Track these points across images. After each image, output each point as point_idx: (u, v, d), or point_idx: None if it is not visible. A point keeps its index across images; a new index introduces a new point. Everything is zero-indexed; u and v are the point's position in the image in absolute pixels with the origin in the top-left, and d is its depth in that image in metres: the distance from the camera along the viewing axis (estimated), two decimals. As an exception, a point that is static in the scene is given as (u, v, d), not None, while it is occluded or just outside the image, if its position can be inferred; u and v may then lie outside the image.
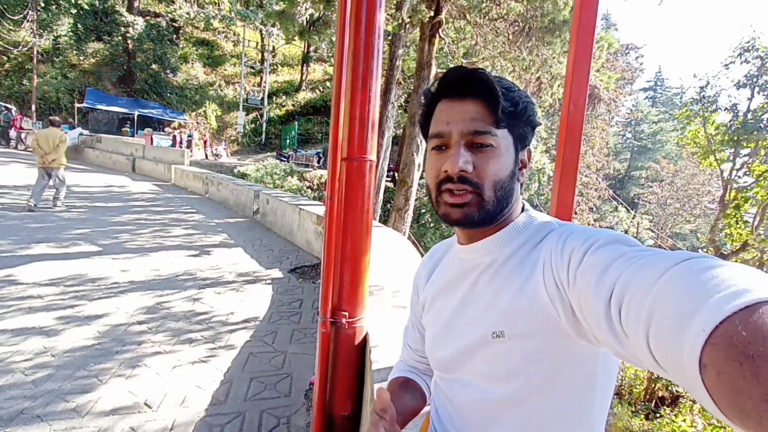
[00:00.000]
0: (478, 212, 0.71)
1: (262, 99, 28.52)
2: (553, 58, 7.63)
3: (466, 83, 0.70)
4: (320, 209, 6.36)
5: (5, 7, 22.98)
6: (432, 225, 13.81)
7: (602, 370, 0.68)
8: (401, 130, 16.66)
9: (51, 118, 8.06)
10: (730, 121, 10.06)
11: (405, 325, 1.05)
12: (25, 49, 23.53)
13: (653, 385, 6.75)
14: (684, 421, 5.78)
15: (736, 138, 9.49)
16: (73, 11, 24.70)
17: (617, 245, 0.56)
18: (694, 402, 6.23)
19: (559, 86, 8.18)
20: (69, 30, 25.17)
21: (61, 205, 7.97)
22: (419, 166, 8.12)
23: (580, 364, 0.67)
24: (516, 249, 0.73)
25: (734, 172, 9.80)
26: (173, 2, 27.23)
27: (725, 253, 9.41)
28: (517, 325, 0.67)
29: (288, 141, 25.96)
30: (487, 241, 0.76)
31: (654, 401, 6.70)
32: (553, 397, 0.68)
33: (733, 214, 9.29)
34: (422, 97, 0.79)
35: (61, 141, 7.81)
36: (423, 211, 14.02)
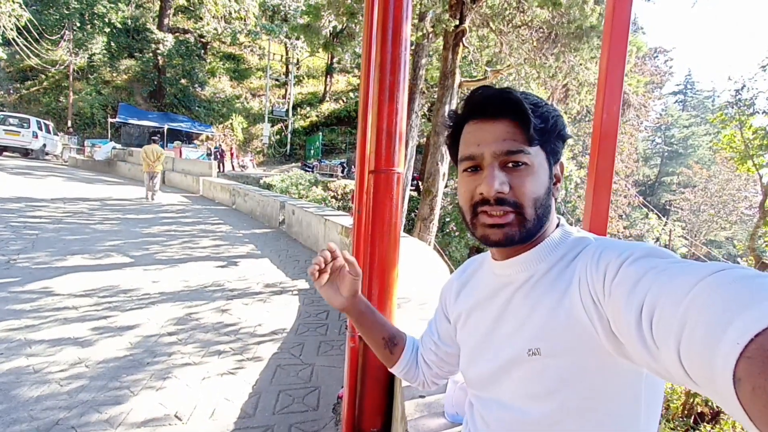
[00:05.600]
0: (519, 231, 0.69)
1: (287, 110, 29.04)
2: (580, 64, 7.50)
3: (494, 103, 0.69)
4: (345, 220, 6.37)
5: (44, 28, 24.09)
6: (457, 234, 13.70)
7: (646, 391, 0.65)
8: (425, 139, 16.66)
9: (153, 138, 11.70)
10: (769, 124, 9.68)
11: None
12: (62, 67, 24.64)
13: (691, 400, 6.46)
14: (726, 439, 5.51)
15: (775, 142, 9.12)
16: (107, 30, 25.75)
17: (652, 258, 0.55)
18: (736, 419, 5.94)
19: (587, 93, 8.03)
20: (103, 48, 26.26)
21: (157, 198, 10.99)
22: (444, 175, 8.08)
23: (622, 384, 0.64)
24: (552, 265, 0.71)
25: (774, 177, 9.41)
26: (201, 19, 28.06)
27: (767, 261, 9.00)
28: (554, 341, 0.65)
29: (312, 151, 26.31)
30: (522, 257, 0.74)
31: (693, 417, 6.41)
32: (594, 419, 0.65)
33: (775, 220, 8.90)
34: (448, 119, 0.78)
35: (161, 153, 11.01)
36: (448, 220, 13.93)
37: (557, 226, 0.76)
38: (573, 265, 0.68)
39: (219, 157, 21.42)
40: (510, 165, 0.69)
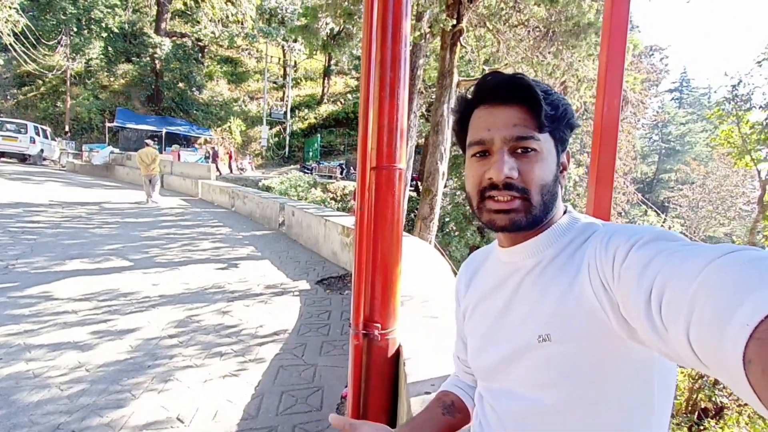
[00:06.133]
0: (525, 217, 0.69)
1: (285, 113, 29.02)
2: (579, 61, 7.50)
3: (506, 89, 0.69)
4: (345, 220, 6.35)
5: (41, 33, 24.06)
6: (457, 233, 13.69)
7: (659, 374, 0.64)
8: (423, 139, 16.67)
9: (146, 141, 11.48)
10: (766, 119, 9.70)
11: (449, 335, 1.03)
12: (59, 72, 24.61)
13: (695, 396, 6.46)
14: (730, 434, 5.50)
15: (773, 137, 9.13)
16: (104, 35, 25.70)
17: (662, 241, 0.54)
18: (740, 413, 5.93)
19: (586, 89, 8.03)
20: (100, 53, 26.21)
21: (156, 200, 11.05)
22: (443, 174, 8.06)
23: (634, 369, 0.63)
24: (560, 250, 0.71)
25: (773, 172, 9.42)
26: (198, 22, 28.04)
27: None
28: (565, 327, 0.65)
29: (311, 153, 26.32)
30: (530, 243, 0.74)
31: (696, 413, 6.40)
32: (606, 405, 0.64)
33: (774, 215, 8.91)
34: (456, 104, 0.78)
35: (156, 156, 10.97)
36: (447, 219, 13.92)
37: (565, 212, 0.76)
38: (582, 250, 0.68)
39: (213, 159, 21.46)
40: (519, 151, 0.69)
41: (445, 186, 9.99)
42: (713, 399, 6.34)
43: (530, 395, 0.70)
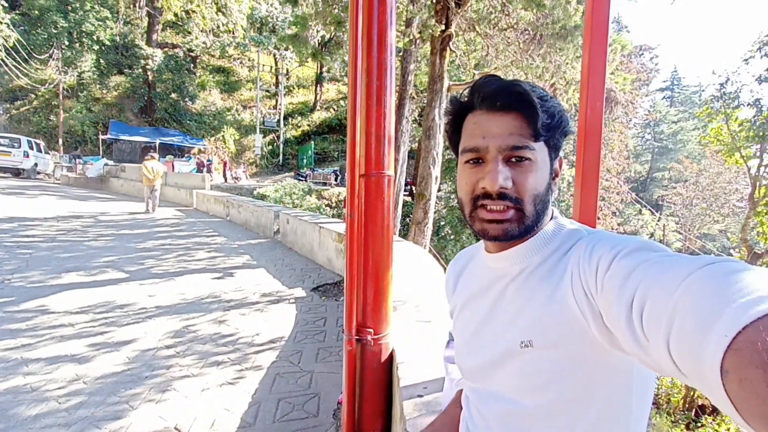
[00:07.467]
0: (518, 227, 0.69)
1: (278, 121, 29.06)
2: (567, 63, 7.58)
3: (503, 96, 0.68)
4: (340, 227, 6.38)
5: (32, 47, 24.04)
6: (452, 237, 13.72)
7: (638, 381, 0.66)
8: (416, 144, 16.73)
9: (151, 153, 11.98)
10: (754, 116, 9.81)
11: (441, 338, 1.05)
12: (52, 86, 24.54)
13: (692, 393, 6.49)
14: (728, 430, 5.54)
15: (761, 133, 9.22)
16: (96, 48, 25.73)
17: (644, 251, 0.55)
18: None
19: (574, 91, 8.11)
20: (92, 66, 26.22)
21: (154, 209, 11.59)
22: (437, 178, 8.11)
23: (614, 375, 0.65)
24: (545, 258, 0.71)
25: (762, 169, 9.51)
26: (190, 33, 28.10)
27: (759, 252, 9.08)
28: (547, 334, 0.66)
29: (305, 160, 26.31)
30: (516, 250, 0.74)
31: (694, 410, 6.44)
32: (587, 410, 0.66)
33: (765, 211, 8.99)
34: (450, 105, 0.76)
35: (158, 172, 11.47)
36: (442, 223, 13.95)
37: (551, 218, 0.77)
38: (566, 258, 0.68)
39: (200, 170, 21.52)
40: (513, 160, 0.68)
41: (439, 190, 10.04)
42: (710, 395, 6.38)
43: (515, 398, 0.71)
